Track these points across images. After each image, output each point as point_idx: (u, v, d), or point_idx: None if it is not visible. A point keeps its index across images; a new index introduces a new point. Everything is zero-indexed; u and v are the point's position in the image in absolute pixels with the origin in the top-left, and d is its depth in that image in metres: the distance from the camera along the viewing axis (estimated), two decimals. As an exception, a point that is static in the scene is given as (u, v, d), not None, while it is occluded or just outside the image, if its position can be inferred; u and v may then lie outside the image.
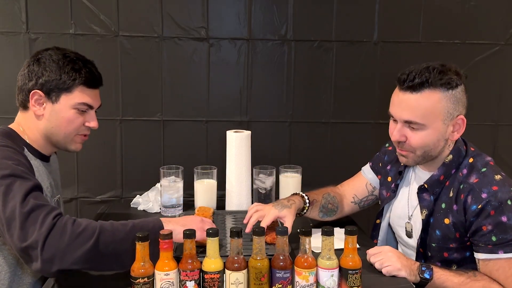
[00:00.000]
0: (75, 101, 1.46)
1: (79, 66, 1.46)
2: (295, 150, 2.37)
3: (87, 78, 1.47)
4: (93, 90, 1.51)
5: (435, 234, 1.52)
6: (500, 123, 2.38)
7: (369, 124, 2.36)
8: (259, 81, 2.33)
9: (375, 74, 2.33)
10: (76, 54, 1.49)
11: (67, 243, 1.21)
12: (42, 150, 1.51)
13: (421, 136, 1.46)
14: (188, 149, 2.33)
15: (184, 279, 1.20)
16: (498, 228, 1.38)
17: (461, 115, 1.48)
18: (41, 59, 1.45)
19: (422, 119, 1.43)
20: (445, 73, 1.44)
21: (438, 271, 1.42)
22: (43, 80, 1.43)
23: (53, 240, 1.20)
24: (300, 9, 2.27)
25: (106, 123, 2.28)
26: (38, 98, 1.44)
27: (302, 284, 1.22)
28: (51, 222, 1.22)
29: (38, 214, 1.22)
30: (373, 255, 1.46)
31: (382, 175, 1.78)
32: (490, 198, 1.39)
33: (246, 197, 2.00)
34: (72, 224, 1.24)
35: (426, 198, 1.55)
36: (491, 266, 1.41)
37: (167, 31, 2.25)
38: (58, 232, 1.21)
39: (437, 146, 1.49)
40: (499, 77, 2.36)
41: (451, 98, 1.44)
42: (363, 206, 1.84)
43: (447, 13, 2.30)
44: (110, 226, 1.28)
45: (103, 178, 2.34)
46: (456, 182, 1.49)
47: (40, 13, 2.20)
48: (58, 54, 1.46)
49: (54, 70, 1.43)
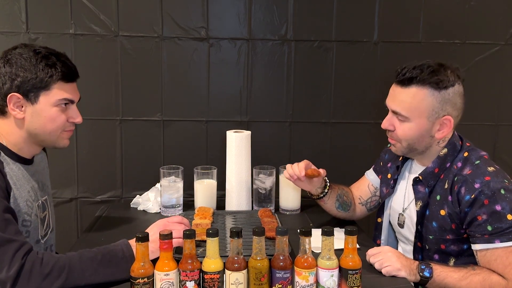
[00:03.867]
0: (55, 98, 1.40)
1: (53, 61, 1.39)
2: (295, 150, 2.37)
3: (64, 73, 1.41)
4: (71, 84, 1.45)
5: (431, 226, 1.54)
6: (500, 123, 2.38)
7: (369, 124, 2.35)
8: (259, 81, 2.32)
9: (375, 74, 2.33)
10: (46, 48, 1.42)
11: (35, 286, 1.21)
12: (23, 153, 1.46)
13: (405, 128, 1.53)
14: (188, 149, 2.33)
15: (184, 279, 1.20)
16: (493, 217, 1.40)
17: (448, 116, 1.50)
18: (12, 59, 1.37)
19: (407, 112, 1.50)
20: (437, 73, 1.48)
21: (437, 268, 1.43)
22: (18, 82, 1.36)
23: (22, 285, 1.20)
24: (300, 9, 2.27)
25: (106, 123, 2.28)
26: (17, 101, 1.38)
27: (302, 284, 1.22)
28: (19, 262, 1.20)
29: (6, 251, 1.21)
30: (372, 255, 1.47)
31: (382, 173, 1.81)
32: (483, 187, 1.42)
33: (246, 197, 2.00)
34: (40, 265, 1.22)
35: (421, 190, 1.58)
36: (489, 257, 1.42)
37: (167, 31, 2.25)
38: (26, 276, 1.20)
39: (421, 141, 1.53)
40: (499, 77, 2.36)
41: (437, 97, 1.48)
42: (370, 208, 1.87)
43: (447, 13, 2.30)
44: (79, 263, 1.27)
45: (103, 178, 2.34)
46: (451, 174, 1.52)
47: (40, 13, 2.20)
48: (28, 52, 1.38)
49: (28, 69, 1.36)
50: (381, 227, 1.76)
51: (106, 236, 1.73)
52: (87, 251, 1.32)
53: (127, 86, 2.28)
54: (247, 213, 1.90)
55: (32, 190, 1.48)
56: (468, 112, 2.31)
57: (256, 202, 2.01)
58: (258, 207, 1.98)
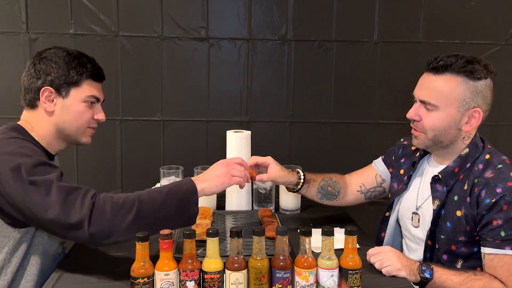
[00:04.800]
0: (85, 94, 1.50)
1: (84, 61, 1.51)
2: (295, 150, 2.37)
3: (93, 72, 1.52)
4: (99, 84, 1.57)
5: (445, 226, 1.52)
6: (500, 123, 2.38)
7: (369, 124, 2.35)
8: (259, 81, 2.33)
9: (375, 74, 2.33)
10: (77, 51, 1.54)
11: (110, 219, 1.27)
12: (49, 148, 1.52)
13: (433, 117, 1.49)
14: (188, 149, 2.33)
15: (184, 279, 1.20)
16: (508, 224, 1.38)
17: (478, 108, 1.48)
18: (47, 57, 1.48)
19: (436, 100, 1.47)
20: (471, 63, 1.46)
21: (438, 270, 1.42)
22: (52, 77, 1.46)
23: (97, 219, 1.26)
24: (300, 9, 2.27)
25: (106, 123, 2.24)
26: (49, 94, 1.47)
27: (302, 284, 1.22)
28: (90, 201, 1.27)
29: (75, 197, 1.27)
30: (373, 255, 1.47)
31: (394, 168, 1.78)
32: (505, 193, 1.39)
33: (246, 197, 2.00)
34: (111, 201, 1.29)
35: (439, 189, 1.55)
36: (496, 262, 1.41)
37: (167, 31, 2.25)
38: (100, 211, 1.27)
39: (448, 133, 1.50)
40: (499, 77, 2.34)
41: (470, 87, 1.46)
42: (369, 197, 1.84)
43: (447, 13, 2.30)
44: (147, 196, 1.34)
45: (103, 178, 2.34)
46: (472, 176, 1.49)
47: (40, 13, 2.20)
48: (61, 52, 1.50)
49: (61, 66, 1.47)
50: (387, 221, 1.73)
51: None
52: (153, 189, 1.39)
53: (127, 86, 2.28)
54: (247, 213, 1.90)
55: None
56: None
57: (256, 202, 2.01)
58: (258, 207, 1.98)
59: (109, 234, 1.28)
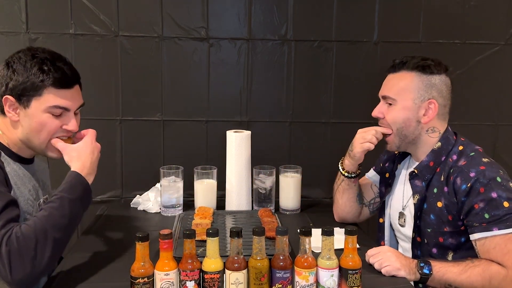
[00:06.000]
0: (46, 104, 1.37)
1: (47, 66, 1.36)
2: (295, 150, 2.37)
3: (56, 79, 1.36)
4: (68, 91, 1.40)
5: (429, 219, 1.56)
6: (500, 123, 2.38)
7: (369, 124, 2.32)
8: (259, 81, 2.32)
9: (375, 74, 2.32)
10: (47, 53, 1.39)
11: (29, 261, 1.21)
12: (23, 153, 1.46)
13: (393, 112, 1.61)
14: (188, 149, 2.33)
15: (184, 279, 1.20)
16: (490, 205, 1.41)
17: (433, 100, 1.56)
18: (10, 63, 1.37)
19: (394, 94, 1.60)
20: (425, 60, 1.58)
21: (436, 264, 1.44)
22: (11, 85, 1.35)
23: (17, 265, 1.20)
24: (300, 9, 2.27)
25: (106, 123, 2.28)
26: (11, 103, 1.37)
27: (302, 284, 1.22)
28: (5, 249, 1.19)
29: None
30: (372, 256, 1.47)
31: (381, 174, 1.83)
32: (478, 176, 1.44)
33: (246, 197, 2.00)
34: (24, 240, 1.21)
35: (418, 184, 1.61)
36: (487, 245, 1.43)
37: (167, 31, 2.25)
38: (17, 257, 1.20)
39: (409, 125, 1.59)
40: (499, 77, 2.36)
41: (424, 80, 1.57)
42: (373, 210, 1.87)
43: (447, 13, 2.30)
44: (51, 213, 1.29)
45: (103, 178, 2.32)
46: (447, 167, 1.54)
47: (40, 13, 2.19)
48: (27, 55, 1.37)
49: (21, 73, 1.35)
50: (383, 228, 1.77)
51: (106, 236, 1.74)
52: (48, 205, 1.32)
53: (127, 86, 2.28)
54: (247, 213, 1.90)
55: (33, 189, 1.49)
56: (468, 112, 2.35)
57: (256, 202, 2.01)
58: (258, 207, 1.98)
59: (36, 276, 1.23)
